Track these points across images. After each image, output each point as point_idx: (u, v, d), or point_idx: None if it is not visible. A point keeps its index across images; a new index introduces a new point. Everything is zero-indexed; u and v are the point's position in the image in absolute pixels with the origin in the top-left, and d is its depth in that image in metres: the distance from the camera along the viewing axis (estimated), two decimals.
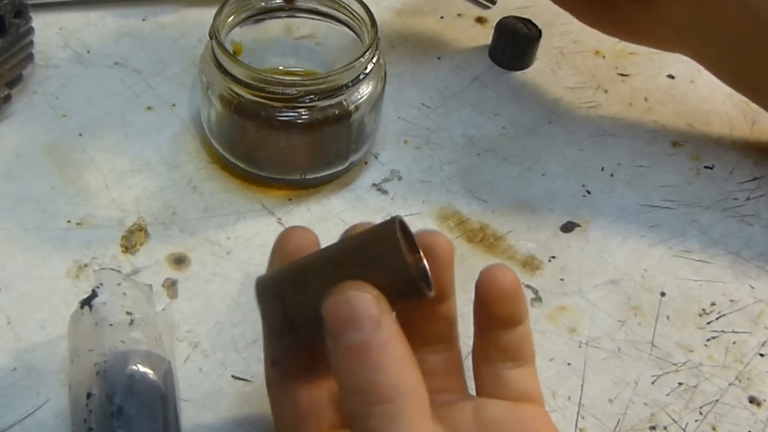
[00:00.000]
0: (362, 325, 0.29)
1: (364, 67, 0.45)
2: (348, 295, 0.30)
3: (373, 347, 0.29)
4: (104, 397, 0.36)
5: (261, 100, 0.45)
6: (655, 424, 0.41)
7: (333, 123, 0.46)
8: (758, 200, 0.51)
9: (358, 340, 0.29)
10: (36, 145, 0.50)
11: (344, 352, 0.29)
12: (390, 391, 0.29)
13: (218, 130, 0.48)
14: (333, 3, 0.48)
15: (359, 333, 0.29)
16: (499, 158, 0.52)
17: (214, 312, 0.43)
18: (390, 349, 0.29)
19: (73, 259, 0.45)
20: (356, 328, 0.29)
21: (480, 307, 0.35)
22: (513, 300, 0.34)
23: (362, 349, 0.29)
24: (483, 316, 0.35)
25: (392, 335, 0.29)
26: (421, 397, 0.29)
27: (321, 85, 0.44)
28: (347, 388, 0.29)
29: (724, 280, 0.47)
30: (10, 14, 0.49)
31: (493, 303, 0.34)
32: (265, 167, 0.48)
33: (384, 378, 0.29)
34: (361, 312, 0.29)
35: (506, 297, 0.34)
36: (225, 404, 0.40)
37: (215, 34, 0.45)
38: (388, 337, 0.29)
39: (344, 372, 0.29)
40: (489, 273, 0.34)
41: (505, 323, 0.35)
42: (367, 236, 0.32)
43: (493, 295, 0.34)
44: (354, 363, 0.29)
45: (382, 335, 0.29)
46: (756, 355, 0.44)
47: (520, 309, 0.35)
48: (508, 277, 0.34)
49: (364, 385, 0.29)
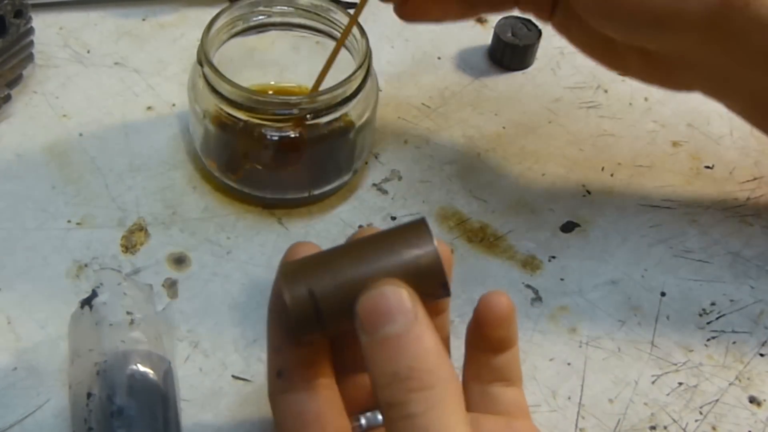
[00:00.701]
0: (399, 318, 0.30)
1: (362, 79, 0.45)
2: (384, 290, 0.31)
3: (411, 337, 0.30)
4: (104, 397, 0.36)
5: (261, 122, 0.44)
6: (655, 424, 0.41)
7: (335, 137, 0.45)
8: (758, 200, 0.51)
9: (395, 332, 0.30)
10: (36, 145, 0.50)
11: (381, 343, 0.30)
12: (430, 377, 0.29)
13: (216, 155, 0.47)
14: (319, 17, 0.48)
15: (396, 325, 0.30)
16: (499, 158, 0.52)
17: (214, 312, 0.43)
18: (427, 340, 0.30)
19: (73, 259, 0.45)
20: (393, 321, 0.30)
21: (475, 330, 0.36)
22: (508, 324, 0.36)
23: (400, 340, 0.30)
24: (477, 338, 0.36)
25: (429, 328, 0.30)
26: (458, 386, 0.30)
27: (321, 101, 0.43)
28: (384, 376, 0.30)
29: (724, 280, 0.47)
30: (10, 14, 0.49)
31: (490, 326, 0.36)
32: (270, 189, 0.47)
33: (424, 364, 0.30)
34: (398, 306, 0.30)
35: (502, 321, 0.35)
36: (225, 404, 0.40)
37: (205, 60, 0.44)
38: (426, 328, 0.30)
39: (381, 361, 0.30)
40: (487, 299, 0.36)
41: (497, 346, 0.36)
42: (400, 235, 0.33)
43: (490, 320, 0.35)
44: (392, 352, 0.30)
45: (419, 327, 0.30)
46: (756, 355, 0.44)
47: (512, 332, 0.36)
48: (504, 303, 0.36)
49: (403, 372, 0.30)
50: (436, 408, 0.29)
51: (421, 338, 0.30)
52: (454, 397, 0.30)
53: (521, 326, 0.44)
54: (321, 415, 0.34)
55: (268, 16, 0.48)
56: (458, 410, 0.30)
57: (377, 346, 0.30)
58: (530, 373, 0.42)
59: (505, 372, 0.37)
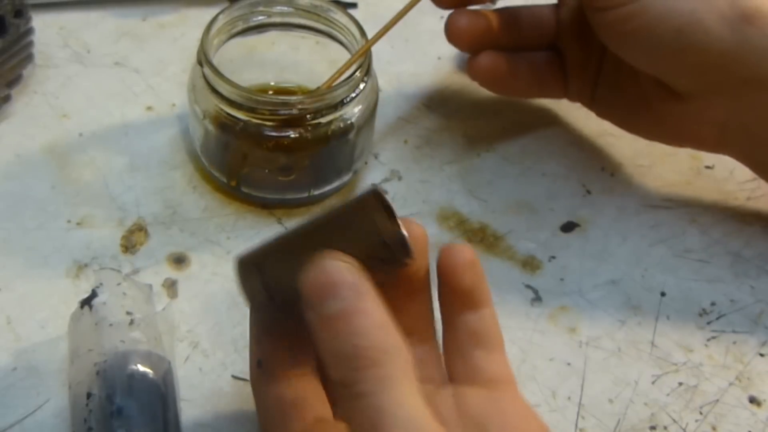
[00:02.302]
0: (341, 293, 0.29)
1: (361, 80, 0.45)
2: (324, 265, 0.30)
3: (354, 313, 0.29)
4: (104, 397, 0.36)
5: (260, 122, 0.44)
6: (655, 424, 0.41)
7: (335, 137, 0.45)
8: (758, 200, 0.51)
9: (338, 308, 0.29)
10: (36, 145, 0.50)
11: (326, 321, 0.30)
12: (376, 354, 0.29)
13: (216, 156, 0.47)
14: (319, 17, 0.48)
15: (339, 301, 0.29)
16: (499, 158, 0.52)
17: (214, 312, 0.43)
18: (372, 313, 0.29)
19: (73, 259, 0.45)
20: (335, 296, 0.29)
21: (442, 286, 0.36)
22: (471, 272, 0.35)
23: (344, 316, 0.29)
24: (448, 295, 0.36)
25: (372, 301, 0.30)
26: (407, 358, 0.30)
27: (322, 101, 0.43)
28: (331, 355, 0.30)
29: (724, 280, 0.47)
30: (10, 14, 0.49)
31: (453, 275, 0.35)
32: (271, 191, 0.47)
33: (369, 341, 0.29)
34: (339, 280, 0.30)
35: (464, 268, 0.35)
36: (225, 404, 0.40)
37: (205, 60, 0.44)
38: (369, 302, 0.30)
39: (327, 340, 0.30)
40: (446, 248, 0.35)
41: (470, 302, 0.36)
42: (343, 206, 0.32)
43: (451, 268, 0.35)
44: (337, 330, 0.29)
45: (362, 301, 0.29)
46: (756, 355, 0.44)
47: (481, 288, 0.36)
48: (465, 250, 0.35)
49: (349, 351, 0.29)
50: (385, 385, 0.29)
51: (366, 313, 0.29)
52: (403, 371, 0.29)
53: (521, 326, 0.44)
54: (300, 403, 0.34)
55: (268, 17, 0.48)
56: (408, 383, 0.29)
57: (322, 324, 0.30)
58: (530, 373, 0.42)
59: (483, 336, 0.36)
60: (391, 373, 0.29)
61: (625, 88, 0.48)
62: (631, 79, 0.47)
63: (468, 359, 0.36)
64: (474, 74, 0.49)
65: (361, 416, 0.29)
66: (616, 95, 0.49)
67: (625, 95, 0.48)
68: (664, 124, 0.48)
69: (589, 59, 0.49)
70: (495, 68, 0.48)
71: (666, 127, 0.48)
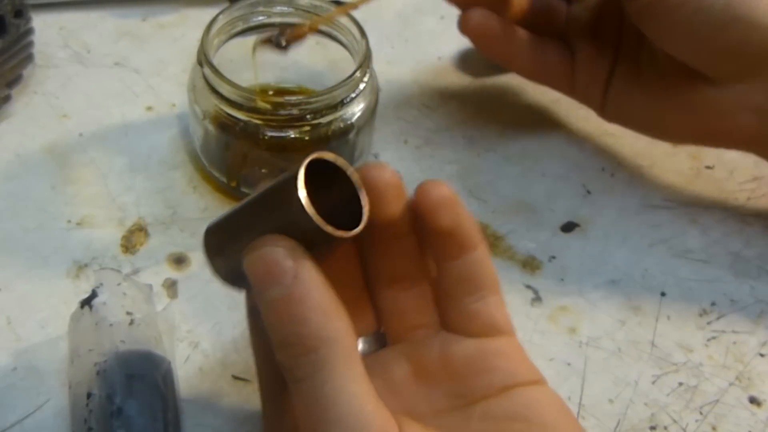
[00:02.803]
0: (280, 279, 0.29)
1: (361, 80, 0.45)
2: (263, 252, 0.30)
3: (293, 299, 0.29)
4: (104, 397, 0.36)
5: (260, 122, 0.44)
6: (655, 424, 0.41)
7: (335, 137, 0.45)
8: (758, 200, 0.51)
9: (279, 294, 0.29)
10: (36, 145, 0.50)
11: (268, 307, 0.30)
12: (313, 341, 0.29)
13: (216, 156, 0.47)
14: (319, 17, 0.47)
15: (279, 287, 0.29)
16: (499, 158, 0.52)
17: (214, 312, 0.43)
18: (310, 299, 0.29)
19: (73, 259, 0.45)
20: (275, 282, 0.30)
21: (423, 227, 0.34)
22: (449, 209, 0.33)
23: (284, 303, 0.29)
24: (430, 238, 0.34)
25: (312, 285, 0.30)
26: (347, 343, 0.30)
27: (321, 102, 0.43)
28: (275, 341, 0.30)
29: (724, 280, 0.47)
30: (10, 14, 0.49)
31: (430, 213, 0.33)
32: None
33: (306, 329, 0.29)
34: (277, 266, 0.30)
35: (441, 205, 0.33)
36: (225, 404, 0.40)
37: (205, 60, 0.44)
38: (308, 287, 0.30)
39: (270, 326, 0.30)
40: (421, 186, 0.33)
41: (454, 246, 0.34)
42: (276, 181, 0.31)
43: (427, 205, 0.33)
44: (277, 317, 0.30)
45: (300, 287, 0.29)
46: (756, 355, 0.44)
47: (464, 227, 0.34)
48: (440, 187, 0.33)
49: (289, 338, 0.29)
50: (322, 371, 0.29)
51: (305, 298, 0.29)
52: (341, 357, 0.29)
53: (521, 326, 0.44)
54: None
55: (268, 17, 0.48)
56: (346, 368, 0.29)
57: (266, 310, 0.30)
58: None
59: (473, 281, 0.34)
60: (329, 360, 0.29)
61: (647, 83, 0.47)
62: (654, 74, 0.46)
63: (457, 307, 0.35)
64: (464, 28, 0.47)
65: (300, 400, 0.29)
66: (636, 92, 0.47)
67: (646, 91, 0.47)
68: (694, 116, 0.45)
69: (601, 57, 0.48)
70: (486, 26, 0.47)
71: (697, 120, 0.46)
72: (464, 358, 0.34)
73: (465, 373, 0.34)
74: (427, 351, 0.35)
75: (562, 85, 0.50)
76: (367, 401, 0.29)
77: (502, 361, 0.34)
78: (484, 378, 0.34)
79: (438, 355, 0.34)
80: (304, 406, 0.29)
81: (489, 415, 0.33)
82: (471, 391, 0.33)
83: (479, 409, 0.33)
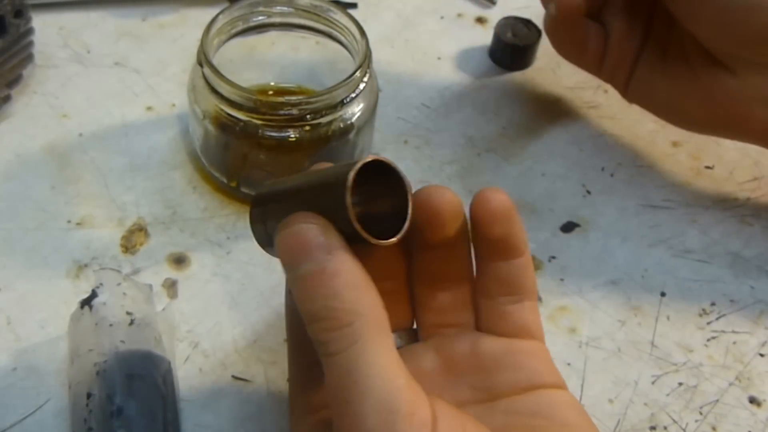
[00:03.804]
0: (313, 255, 0.30)
1: (361, 80, 0.45)
2: (296, 228, 0.30)
3: (326, 274, 0.29)
4: (104, 397, 0.36)
5: (261, 122, 0.44)
6: (655, 424, 0.41)
7: (335, 138, 0.45)
8: (758, 200, 0.51)
9: (312, 269, 0.30)
10: (36, 145, 0.50)
11: (300, 282, 0.30)
12: (346, 315, 0.29)
13: (216, 156, 0.47)
14: (319, 17, 0.47)
15: (312, 262, 0.30)
16: (499, 158, 0.52)
17: (214, 312, 0.43)
18: (343, 275, 0.30)
19: (73, 259, 0.45)
20: (308, 258, 0.30)
21: (475, 232, 0.35)
22: (505, 221, 0.34)
23: (316, 277, 0.30)
24: (479, 243, 0.35)
25: (345, 262, 0.30)
26: (380, 318, 0.30)
27: (321, 102, 0.43)
28: (307, 316, 0.30)
29: (724, 280, 0.47)
30: (10, 14, 0.49)
31: (485, 224, 0.34)
32: None
33: (340, 303, 0.29)
34: (310, 242, 0.30)
35: (497, 217, 0.34)
36: (225, 404, 0.40)
37: (205, 60, 0.44)
38: (341, 263, 0.30)
39: (302, 301, 0.30)
40: (481, 194, 0.34)
41: (501, 251, 0.35)
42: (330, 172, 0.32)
43: (484, 216, 0.34)
44: (310, 291, 0.30)
45: (334, 262, 0.30)
46: (756, 355, 0.44)
47: (515, 235, 0.35)
48: (499, 197, 0.34)
49: (321, 312, 0.29)
50: (355, 344, 0.29)
51: (337, 274, 0.30)
52: (374, 331, 0.29)
53: None
54: None
55: (268, 17, 0.48)
56: (379, 342, 0.29)
57: (297, 285, 0.30)
58: None
59: (513, 284, 0.35)
60: (362, 335, 0.29)
61: (672, 67, 0.47)
62: (680, 56, 0.46)
63: (493, 307, 0.35)
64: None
65: (332, 374, 0.29)
66: (659, 75, 0.47)
67: (669, 75, 0.47)
68: (712, 105, 0.46)
69: (631, 38, 0.48)
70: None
71: (715, 108, 0.46)
72: (493, 354, 0.35)
73: (492, 368, 0.35)
74: (457, 345, 0.35)
75: (592, 64, 0.49)
76: (398, 375, 0.29)
77: (530, 361, 0.35)
78: (511, 375, 0.34)
79: (468, 350, 0.35)
80: (337, 379, 0.29)
81: (513, 410, 0.34)
82: (496, 386, 0.34)
83: (503, 404, 0.34)
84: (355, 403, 0.28)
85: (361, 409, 0.28)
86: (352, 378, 0.29)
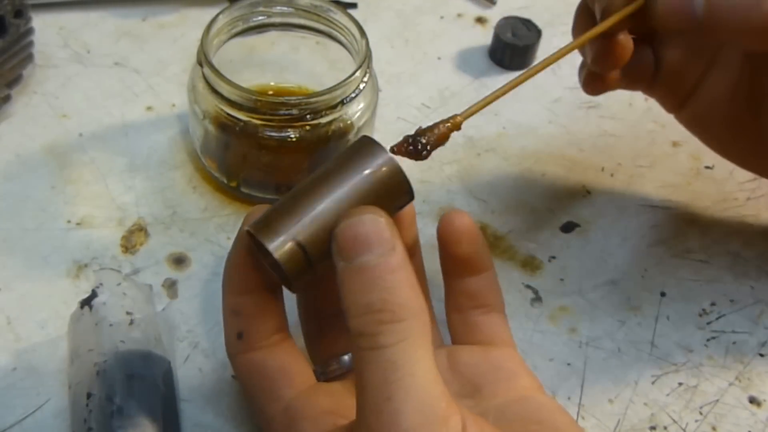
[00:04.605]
0: (377, 247, 0.30)
1: (361, 80, 0.45)
2: (364, 218, 0.31)
3: (388, 268, 0.30)
4: (104, 397, 0.36)
5: (260, 122, 0.44)
6: (655, 424, 0.41)
7: (335, 138, 0.45)
8: (758, 200, 0.51)
9: (372, 261, 0.30)
10: (36, 145, 0.50)
11: (357, 272, 0.30)
12: (402, 310, 0.30)
13: (216, 156, 0.47)
14: (319, 17, 0.47)
15: (374, 255, 0.30)
16: (499, 158, 0.52)
17: (214, 312, 0.43)
18: (404, 272, 0.30)
19: (73, 259, 0.45)
20: (371, 249, 0.30)
21: (442, 252, 0.38)
22: (470, 241, 0.37)
23: (377, 269, 0.30)
24: (447, 261, 0.38)
25: (405, 260, 0.31)
26: (427, 321, 0.30)
27: (321, 101, 0.43)
28: (358, 305, 0.30)
29: (724, 280, 0.47)
30: (10, 14, 0.49)
31: (452, 243, 0.37)
32: (270, 190, 0.47)
33: (397, 298, 0.30)
34: (377, 235, 0.30)
35: (463, 237, 0.37)
36: (225, 404, 0.40)
37: (205, 60, 0.44)
38: (402, 260, 0.30)
39: (356, 290, 0.30)
40: (446, 216, 0.37)
41: (468, 268, 0.37)
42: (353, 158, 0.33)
43: (450, 236, 0.37)
44: (367, 282, 0.30)
45: (396, 258, 0.30)
46: (756, 355, 0.44)
47: (481, 254, 0.38)
48: (463, 219, 0.37)
49: (376, 303, 0.30)
50: (406, 341, 0.29)
51: (397, 270, 0.30)
52: (422, 331, 0.30)
53: (521, 326, 0.44)
54: (286, 368, 0.35)
55: (268, 17, 0.48)
56: (425, 344, 0.30)
57: (353, 274, 0.30)
58: None
59: (482, 297, 0.38)
60: (413, 332, 0.30)
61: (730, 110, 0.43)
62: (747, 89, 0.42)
63: (465, 319, 0.38)
64: None
65: (375, 368, 0.29)
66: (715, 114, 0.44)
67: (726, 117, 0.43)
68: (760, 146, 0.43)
69: (688, 70, 0.44)
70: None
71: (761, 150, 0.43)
72: (470, 360, 0.37)
73: (472, 374, 0.36)
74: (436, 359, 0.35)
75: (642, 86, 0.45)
76: (438, 380, 0.30)
77: (507, 363, 0.37)
78: (492, 377, 0.36)
79: (446, 362, 0.37)
80: (381, 374, 0.29)
81: (504, 417, 0.35)
82: (479, 391, 0.36)
83: (493, 413, 0.35)
84: (397, 401, 0.28)
85: (403, 407, 0.28)
86: (398, 374, 0.29)
